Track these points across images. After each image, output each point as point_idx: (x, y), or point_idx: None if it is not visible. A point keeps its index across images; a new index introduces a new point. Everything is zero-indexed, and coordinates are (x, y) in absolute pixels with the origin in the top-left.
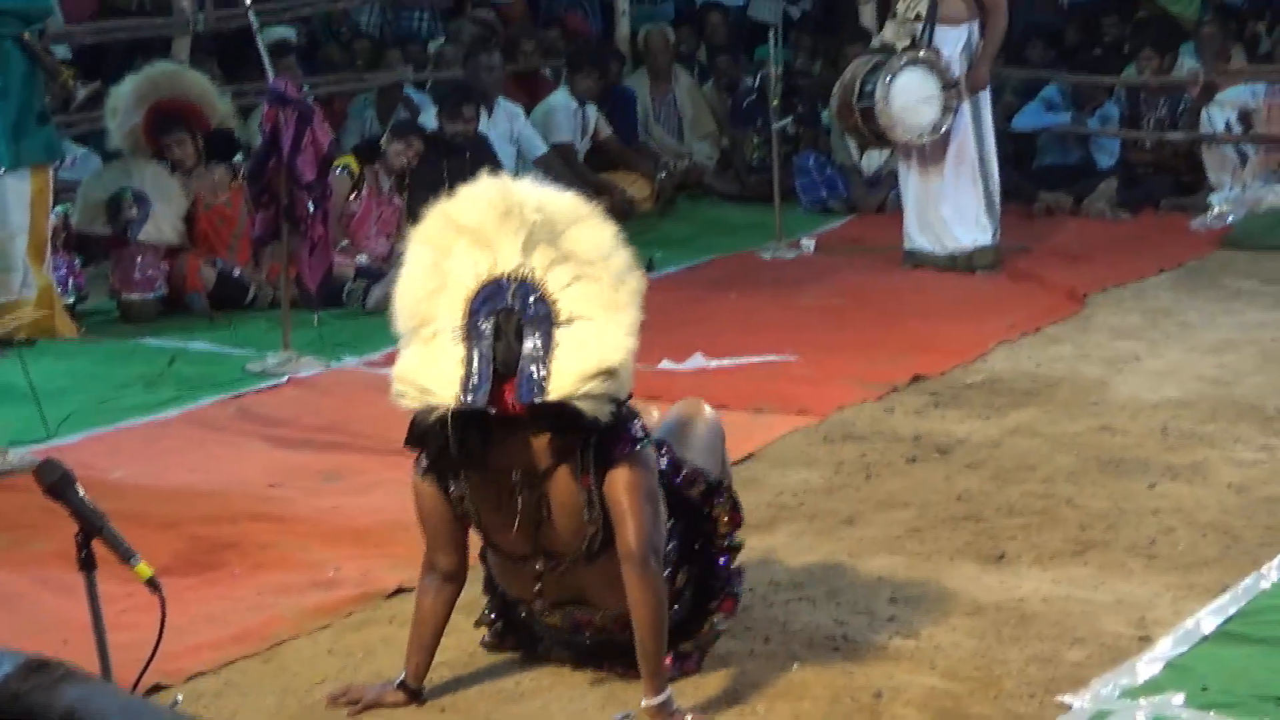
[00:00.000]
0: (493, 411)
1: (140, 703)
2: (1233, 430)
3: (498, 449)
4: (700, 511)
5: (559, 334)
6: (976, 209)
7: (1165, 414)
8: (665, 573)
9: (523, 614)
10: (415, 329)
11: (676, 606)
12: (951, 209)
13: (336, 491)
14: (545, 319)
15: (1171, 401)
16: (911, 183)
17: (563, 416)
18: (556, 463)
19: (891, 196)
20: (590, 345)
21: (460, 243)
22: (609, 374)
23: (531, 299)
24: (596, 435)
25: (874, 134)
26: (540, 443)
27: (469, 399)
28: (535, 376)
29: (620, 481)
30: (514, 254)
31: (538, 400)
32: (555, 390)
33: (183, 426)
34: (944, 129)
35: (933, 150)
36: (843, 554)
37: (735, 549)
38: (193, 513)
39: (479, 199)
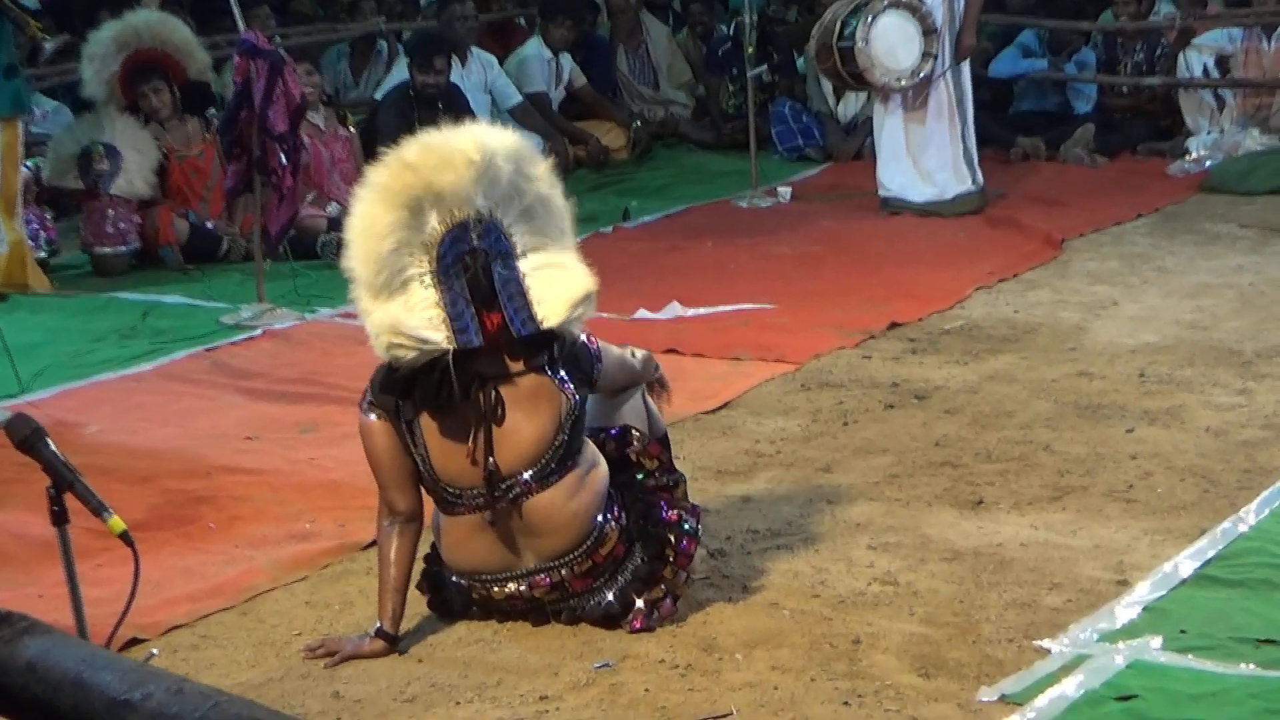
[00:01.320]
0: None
1: (104, 654)
2: (1210, 374)
3: (472, 376)
4: (624, 464)
5: (523, 265)
6: (955, 156)
7: (1143, 359)
8: (615, 515)
9: (475, 596)
10: (384, 281)
11: (640, 558)
12: (931, 156)
13: (312, 443)
14: (509, 254)
15: (1149, 346)
16: (888, 128)
17: (545, 339)
18: (526, 371)
19: (868, 143)
20: (562, 274)
21: (423, 190)
22: (588, 298)
23: (494, 238)
24: (561, 349)
25: (852, 76)
26: (513, 360)
27: (464, 340)
28: (525, 309)
29: (608, 365)
30: (474, 197)
31: (535, 331)
32: (550, 319)
33: (157, 380)
34: (923, 75)
35: (913, 97)
36: (821, 501)
37: (674, 486)
38: (167, 467)
39: (439, 147)
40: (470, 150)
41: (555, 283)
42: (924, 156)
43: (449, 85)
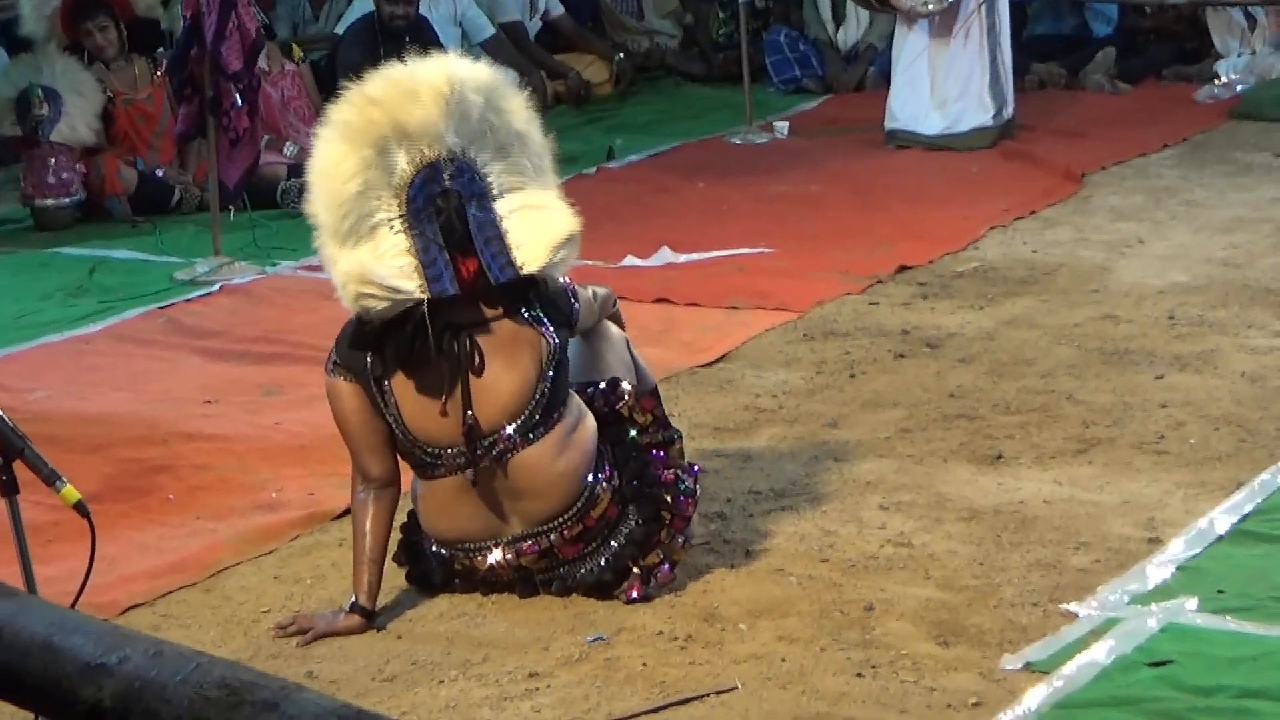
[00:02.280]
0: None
1: (75, 617)
2: (1245, 315)
3: (445, 325)
4: (614, 419)
5: (499, 207)
6: (981, 86)
7: (1172, 300)
8: (607, 474)
9: (457, 567)
10: (350, 226)
11: (635, 521)
12: (954, 83)
13: (277, 406)
14: (484, 195)
15: (1178, 286)
16: (909, 51)
17: (524, 285)
18: (502, 317)
19: (871, 73)
20: (542, 216)
21: (389, 127)
22: (571, 240)
23: (468, 177)
24: (537, 290)
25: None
26: (489, 307)
27: (438, 289)
28: (503, 254)
29: (583, 305)
30: (444, 134)
31: (514, 277)
32: (531, 264)
33: (107, 341)
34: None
35: (942, 20)
36: (827, 459)
37: (669, 443)
38: (121, 434)
39: (403, 79)
40: (439, 83)
41: (535, 225)
42: (946, 83)
43: (417, 17)
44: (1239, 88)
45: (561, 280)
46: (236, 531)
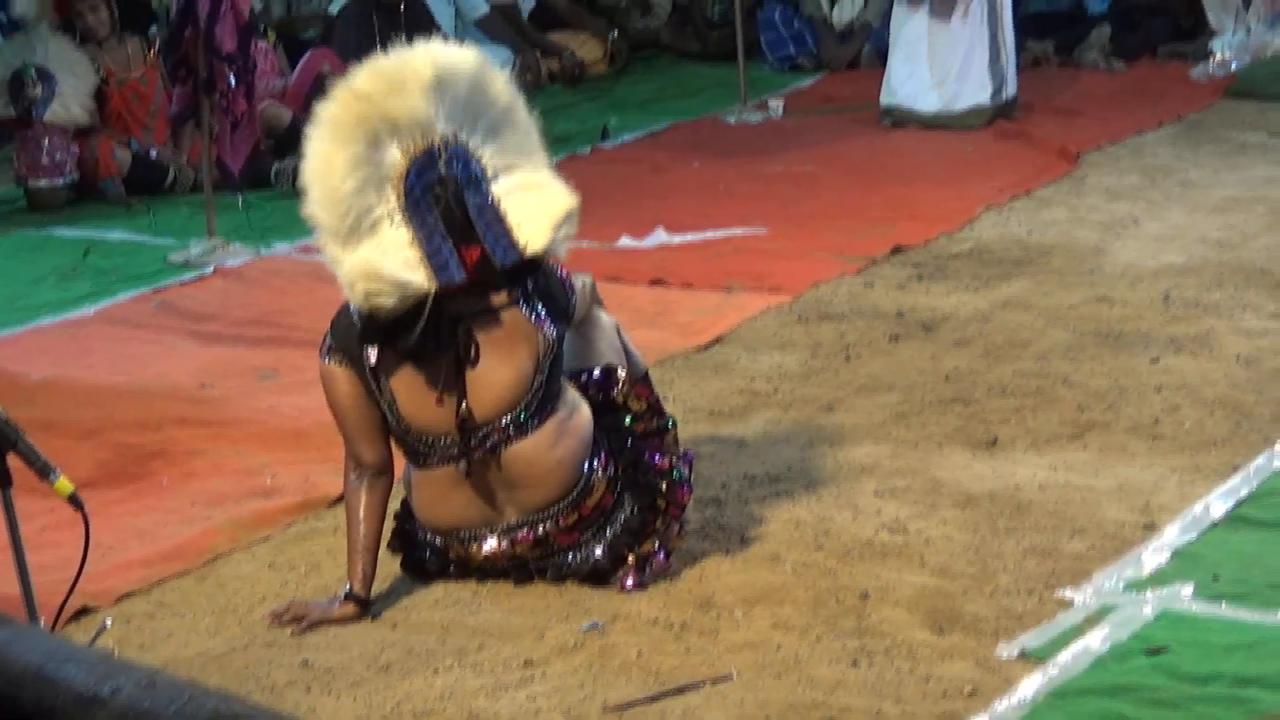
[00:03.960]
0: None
1: (68, 646)
2: (1241, 297)
3: (449, 316)
4: (609, 407)
5: (495, 189)
6: (982, 64)
7: (1167, 281)
8: (602, 462)
9: (452, 555)
10: (351, 225)
11: (630, 509)
12: (954, 60)
13: (272, 390)
14: (479, 179)
15: (1174, 268)
16: (909, 25)
17: (526, 268)
18: (505, 306)
19: (866, 51)
20: (539, 194)
21: (379, 120)
22: (570, 217)
23: (461, 164)
24: (535, 283)
25: None
26: (491, 295)
27: (445, 277)
28: (505, 236)
29: (580, 302)
30: (436, 121)
31: (519, 259)
32: (534, 243)
33: (101, 324)
34: None
35: None
36: (822, 443)
37: (665, 430)
38: (116, 418)
39: (388, 71)
40: (422, 69)
41: (533, 204)
42: (946, 59)
43: None
44: (1234, 65)
45: (559, 272)
46: (231, 518)
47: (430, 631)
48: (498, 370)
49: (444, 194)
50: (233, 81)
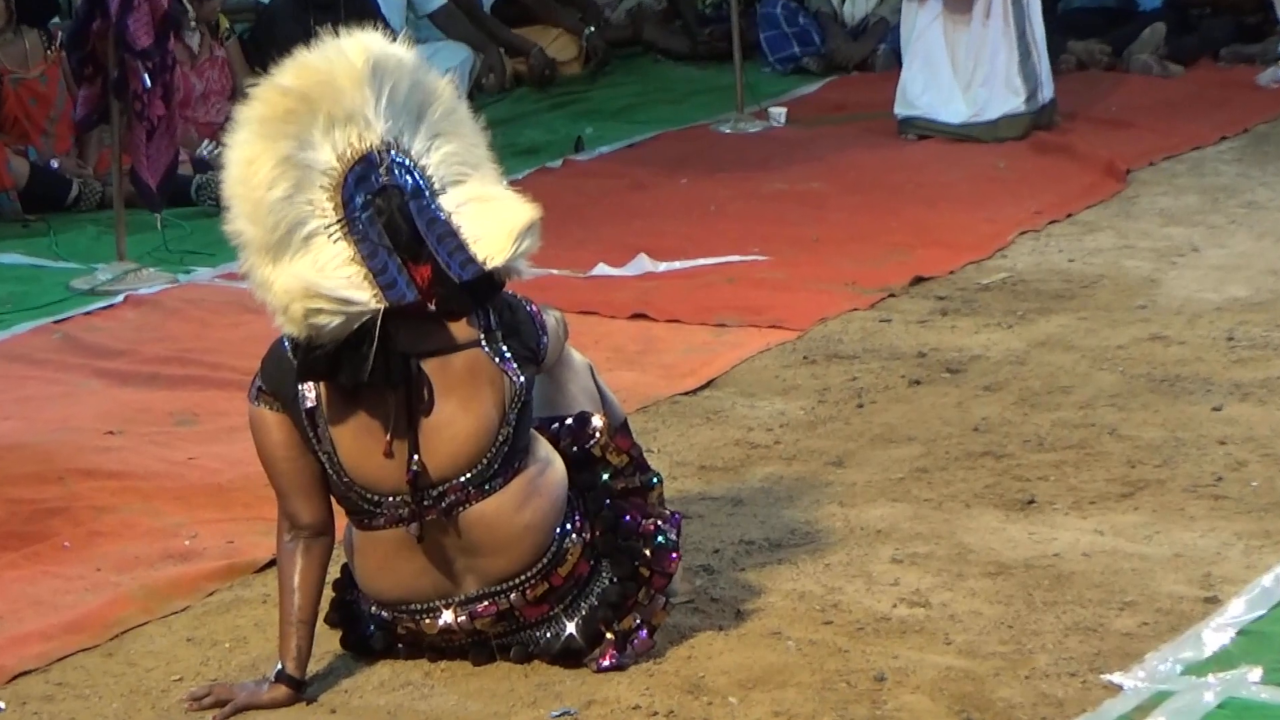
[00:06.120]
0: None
1: None
2: None
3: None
4: (585, 462)
5: (444, 202)
6: (1009, 66)
7: (1231, 318)
8: (577, 526)
9: (401, 631)
10: (281, 239)
11: (608, 579)
12: (979, 64)
13: (191, 438)
14: (425, 191)
15: (1238, 302)
16: (923, 26)
17: (486, 287)
18: (462, 345)
19: (880, 51)
20: (494, 206)
21: (307, 115)
22: (533, 228)
23: (404, 173)
24: (500, 319)
25: None
26: (444, 328)
27: (395, 295)
28: (462, 251)
29: (553, 343)
30: (372, 122)
31: (479, 273)
32: (494, 257)
33: None
34: None
35: None
36: (831, 503)
37: (648, 487)
38: (9, 470)
39: (315, 61)
40: (357, 62)
41: (489, 216)
42: (968, 64)
43: None
44: None
45: (528, 307)
46: (143, 585)
47: (374, 718)
48: (456, 419)
49: (387, 206)
50: (148, 81)
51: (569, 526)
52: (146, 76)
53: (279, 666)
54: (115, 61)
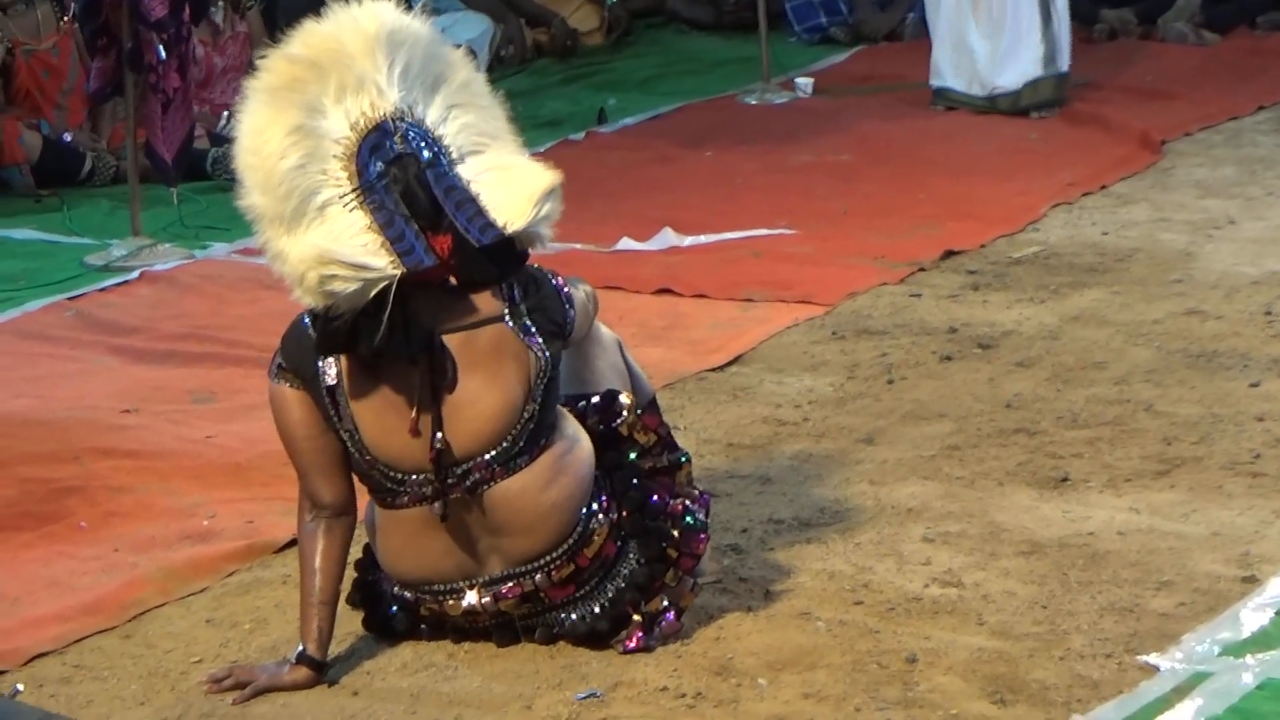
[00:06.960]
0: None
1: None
2: None
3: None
4: (612, 440)
5: (463, 171)
6: (1034, 34)
7: (1269, 292)
8: (604, 506)
9: (424, 612)
10: (295, 209)
11: (635, 561)
12: (1005, 34)
13: (208, 416)
14: (443, 159)
15: (1276, 276)
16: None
17: (508, 254)
18: (486, 320)
19: (909, 20)
20: (513, 173)
21: (318, 84)
22: (554, 193)
23: (421, 140)
24: (525, 293)
25: None
26: (471, 301)
27: (413, 261)
28: (481, 216)
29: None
30: (384, 90)
31: (500, 237)
32: (514, 221)
33: (7, 339)
34: None
35: None
36: (861, 481)
37: (676, 467)
38: (24, 450)
39: (326, 29)
40: (367, 27)
41: (508, 183)
42: (995, 34)
43: None
44: None
45: (553, 280)
46: (161, 566)
47: (397, 701)
48: (481, 395)
49: (403, 174)
50: (163, 53)
51: (595, 506)
52: (161, 48)
53: (300, 648)
54: (129, 33)
